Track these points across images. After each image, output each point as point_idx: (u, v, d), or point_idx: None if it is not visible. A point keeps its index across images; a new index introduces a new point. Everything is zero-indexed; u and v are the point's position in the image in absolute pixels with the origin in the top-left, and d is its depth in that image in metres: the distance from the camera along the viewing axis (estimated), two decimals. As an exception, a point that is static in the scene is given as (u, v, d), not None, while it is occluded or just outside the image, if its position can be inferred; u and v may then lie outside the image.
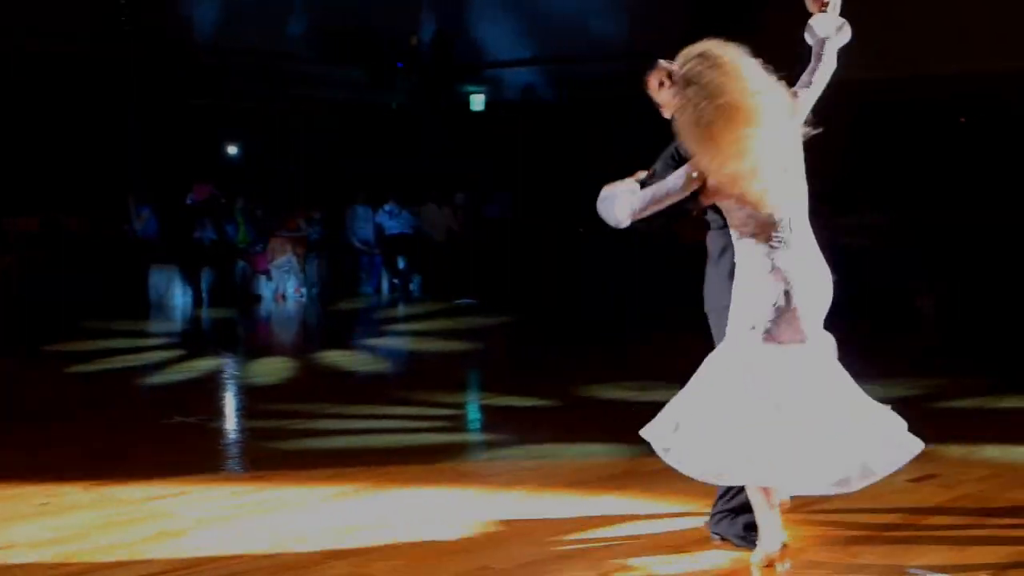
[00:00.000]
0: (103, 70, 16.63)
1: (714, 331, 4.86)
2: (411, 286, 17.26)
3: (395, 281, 17.21)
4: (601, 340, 12.55)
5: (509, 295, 15.93)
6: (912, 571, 4.73)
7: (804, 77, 4.76)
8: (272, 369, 10.44)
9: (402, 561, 4.86)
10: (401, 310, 15.73)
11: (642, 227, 4.66)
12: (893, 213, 15.05)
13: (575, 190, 17.47)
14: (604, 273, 15.70)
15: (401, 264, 17.26)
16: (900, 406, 4.65)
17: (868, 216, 14.76)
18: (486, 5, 19.78)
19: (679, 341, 5.80)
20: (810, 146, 4.68)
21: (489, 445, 7.46)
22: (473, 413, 8.93)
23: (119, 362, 10.65)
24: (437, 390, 9.26)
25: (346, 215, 16.95)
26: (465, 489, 6.08)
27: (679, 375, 4.72)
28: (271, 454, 6.87)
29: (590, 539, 5.15)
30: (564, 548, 5.04)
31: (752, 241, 4.57)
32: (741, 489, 4.77)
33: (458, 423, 8.28)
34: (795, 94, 4.68)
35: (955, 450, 6.78)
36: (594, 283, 15.65)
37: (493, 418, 8.41)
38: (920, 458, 5.91)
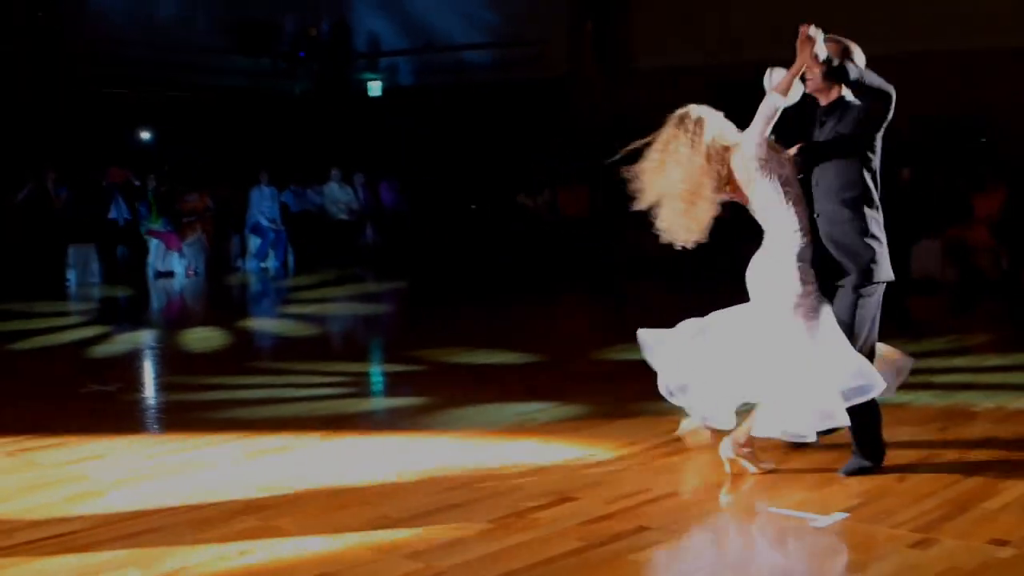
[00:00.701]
0: (26, 63, 16.38)
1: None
2: (312, 261, 17.08)
3: (298, 256, 17.06)
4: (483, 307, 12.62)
5: (406, 268, 15.90)
6: (771, 511, 4.81)
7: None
8: (185, 341, 10.28)
9: (309, 514, 4.85)
10: (304, 282, 15.58)
11: (528, 202, 4.64)
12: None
13: (467, 170, 17.79)
14: (494, 246, 15.77)
15: (303, 240, 17.10)
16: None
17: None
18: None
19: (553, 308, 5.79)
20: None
21: (393, 406, 7.47)
22: (376, 376, 8.89)
23: (38, 340, 10.37)
24: (341, 358, 9.25)
25: (251, 195, 16.76)
26: (371, 439, 6.09)
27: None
28: (186, 419, 6.79)
29: (486, 487, 5.18)
30: (462, 496, 5.06)
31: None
32: None
33: (363, 387, 8.22)
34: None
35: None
36: (484, 255, 15.68)
37: (395, 380, 8.41)
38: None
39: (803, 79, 5.15)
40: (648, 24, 17.40)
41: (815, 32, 5.02)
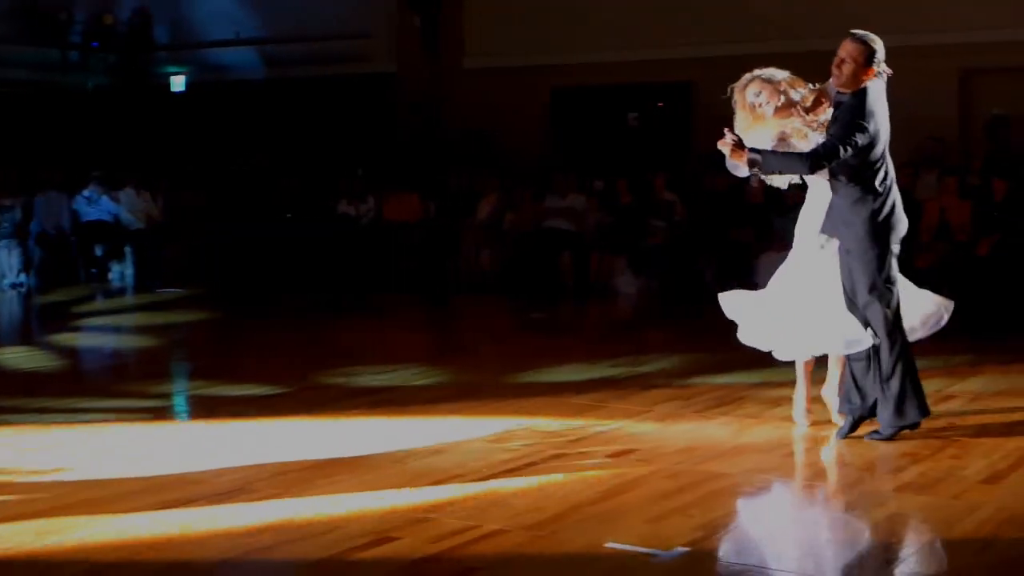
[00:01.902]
0: None
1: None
2: (109, 275, 16.57)
3: (92, 271, 16.50)
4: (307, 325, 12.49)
5: (213, 282, 15.64)
6: (609, 546, 4.82)
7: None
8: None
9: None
10: (99, 301, 15.08)
11: (350, 210, 4.70)
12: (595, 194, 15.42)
13: (280, 172, 17.47)
14: (311, 256, 15.53)
15: (99, 252, 16.55)
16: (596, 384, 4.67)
17: (571, 199, 15.08)
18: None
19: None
20: (508, 132, 4.90)
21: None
22: (180, 403, 8.67)
23: None
24: (140, 381, 9.04)
25: (36, 202, 16.12)
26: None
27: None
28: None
29: (298, 528, 5.05)
30: (270, 539, 4.92)
31: None
32: None
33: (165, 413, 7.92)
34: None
35: (651, 426, 6.99)
36: (301, 267, 15.42)
37: (198, 407, 8.22)
38: (618, 433, 6.24)
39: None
40: (482, 20, 17.45)
41: (727, 143, 6.24)
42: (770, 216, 13.71)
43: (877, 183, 6.27)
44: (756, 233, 13.88)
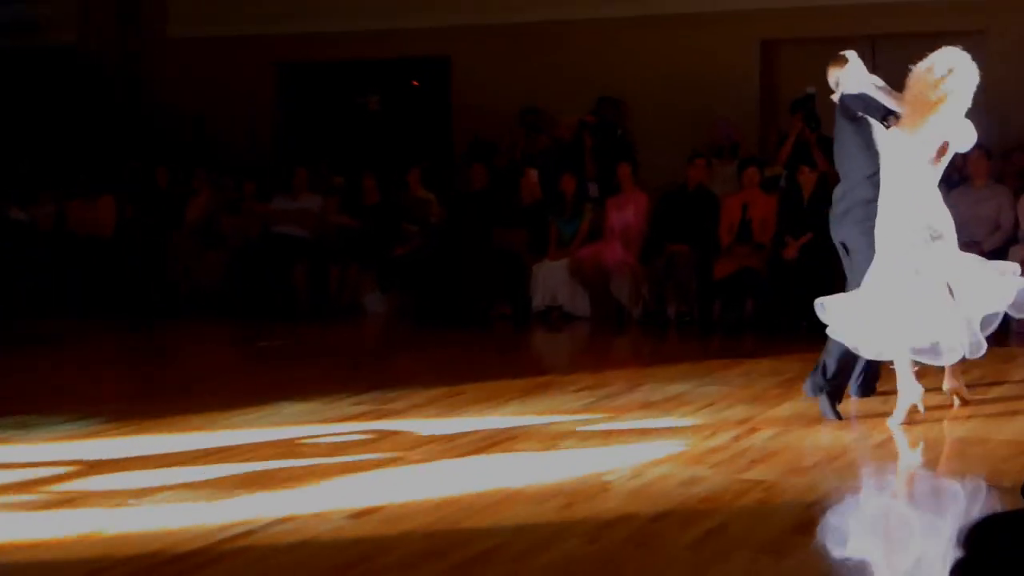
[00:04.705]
0: None
1: None
2: None
3: None
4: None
5: None
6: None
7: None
8: None
9: None
10: None
11: (24, 218, 4.47)
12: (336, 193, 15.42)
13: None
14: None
15: None
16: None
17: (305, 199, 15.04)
18: None
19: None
20: (223, 116, 4.71)
21: None
22: None
23: None
24: None
25: None
26: None
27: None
28: None
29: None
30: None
31: None
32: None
33: None
34: None
35: (402, 476, 6.97)
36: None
37: None
38: (361, 487, 6.45)
39: None
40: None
41: None
42: (547, 217, 13.95)
43: None
44: (530, 237, 14.05)
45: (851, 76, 8.23)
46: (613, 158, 14.41)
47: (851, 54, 8.36)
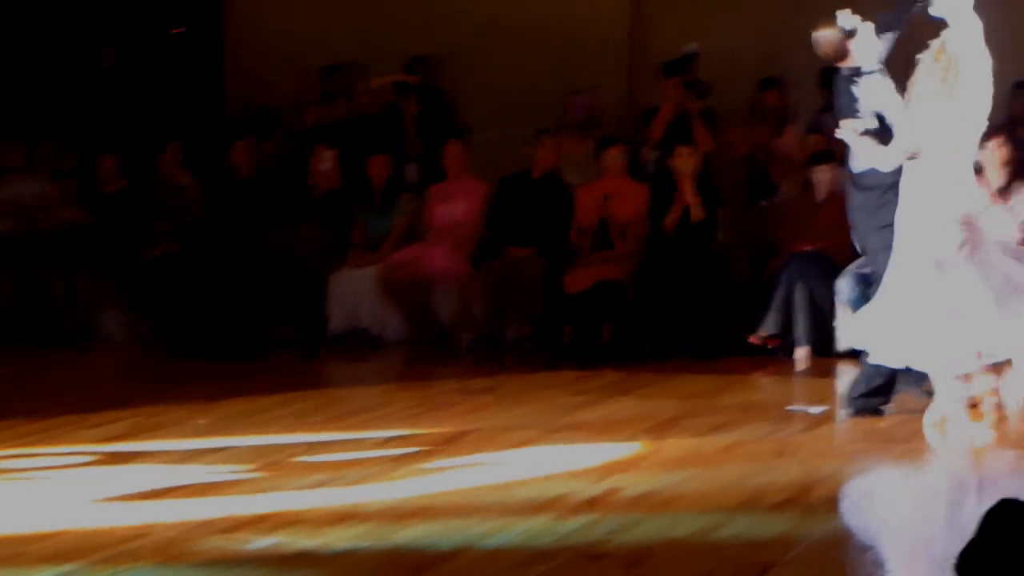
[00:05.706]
0: None
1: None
2: None
3: None
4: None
5: None
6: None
7: None
8: None
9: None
10: None
11: None
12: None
13: None
14: None
15: None
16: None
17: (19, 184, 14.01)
18: None
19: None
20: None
21: None
22: None
23: None
24: None
25: None
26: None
27: None
28: None
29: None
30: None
31: None
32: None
33: None
34: None
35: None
36: None
37: None
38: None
39: None
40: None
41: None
42: (352, 210, 13.23)
43: None
44: (323, 238, 13.25)
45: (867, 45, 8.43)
46: (439, 134, 13.58)
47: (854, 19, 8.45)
